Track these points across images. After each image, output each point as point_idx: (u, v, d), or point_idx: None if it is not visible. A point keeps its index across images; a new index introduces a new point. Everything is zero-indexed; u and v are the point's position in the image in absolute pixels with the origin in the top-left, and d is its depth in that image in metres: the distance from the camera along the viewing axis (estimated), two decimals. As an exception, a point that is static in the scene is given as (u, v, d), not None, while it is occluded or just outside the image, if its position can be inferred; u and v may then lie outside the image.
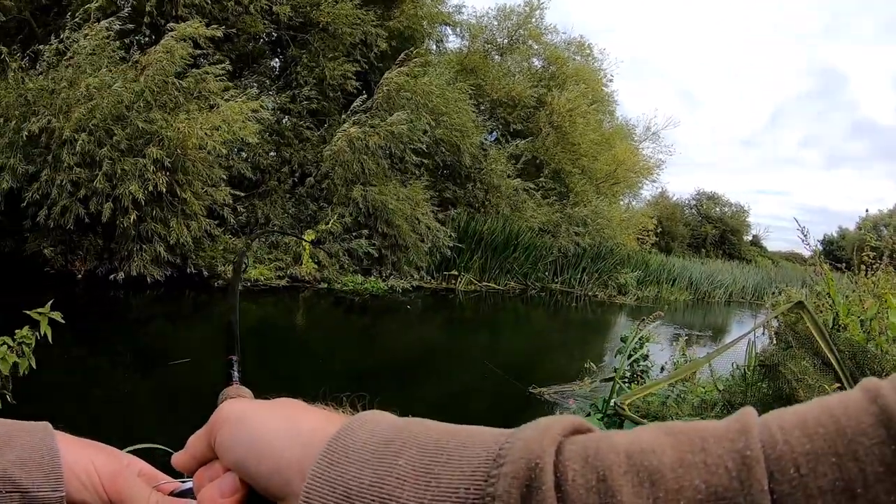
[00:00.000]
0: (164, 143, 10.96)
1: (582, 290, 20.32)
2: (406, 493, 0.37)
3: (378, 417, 0.45)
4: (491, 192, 18.06)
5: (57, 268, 11.18)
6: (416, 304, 14.07)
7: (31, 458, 0.58)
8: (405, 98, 14.90)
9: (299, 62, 15.59)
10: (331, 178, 14.45)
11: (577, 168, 21.77)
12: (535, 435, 0.36)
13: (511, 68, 22.28)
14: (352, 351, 9.50)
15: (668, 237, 36.97)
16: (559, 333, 14.06)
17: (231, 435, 0.51)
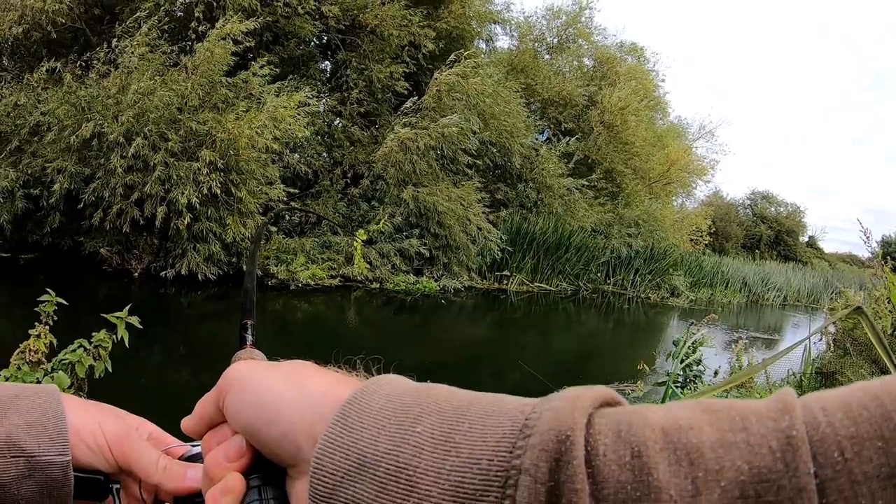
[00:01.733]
0: (216, 145, 11.14)
1: (634, 291, 20.02)
2: (424, 462, 0.36)
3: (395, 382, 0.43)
4: (543, 192, 17.90)
5: (114, 266, 11.47)
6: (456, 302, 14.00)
7: (36, 421, 0.57)
8: (456, 99, 14.85)
9: (349, 65, 15.71)
10: (383, 179, 14.50)
11: (629, 168, 21.47)
12: (564, 406, 0.34)
13: (561, 67, 22.10)
14: (402, 349, 9.47)
15: (722, 238, 36.27)
16: (611, 335, 13.88)
17: (239, 398, 0.50)
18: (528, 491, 0.31)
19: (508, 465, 0.32)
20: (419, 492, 0.35)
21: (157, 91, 10.93)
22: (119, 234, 11.30)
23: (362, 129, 15.67)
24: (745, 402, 0.32)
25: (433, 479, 0.35)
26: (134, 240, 11.56)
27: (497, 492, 0.32)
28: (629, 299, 19.26)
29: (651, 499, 0.29)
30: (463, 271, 15.27)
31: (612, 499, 0.30)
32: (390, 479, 0.36)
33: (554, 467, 0.31)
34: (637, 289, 20.13)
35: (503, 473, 0.32)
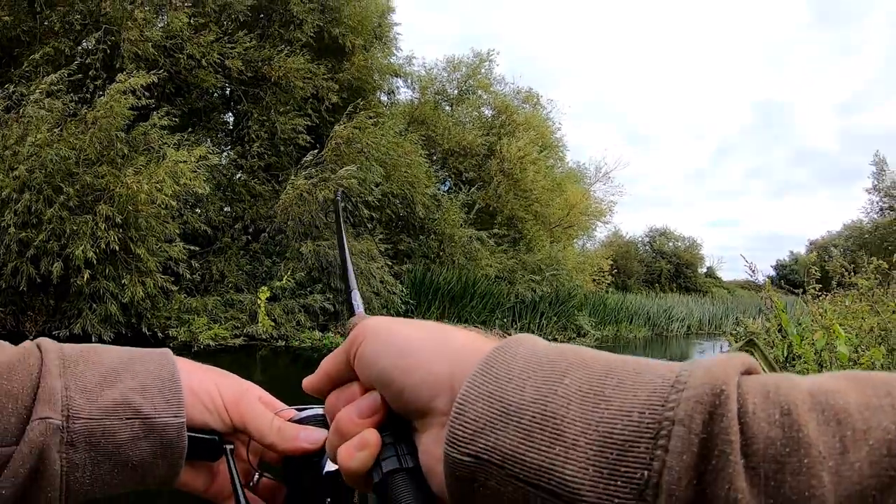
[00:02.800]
0: (113, 200, 10.83)
1: (541, 334, 20.27)
2: (572, 412, 0.36)
3: (536, 339, 0.44)
4: (445, 243, 18.12)
5: (8, 328, 10.86)
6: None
7: (151, 383, 0.58)
8: (356, 151, 14.93)
9: (251, 117, 15.62)
10: (283, 234, 14.36)
11: (530, 214, 22.00)
12: (717, 364, 0.35)
13: (461, 118, 22.66)
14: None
15: (624, 275, 37.48)
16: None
17: (377, 346, 0.50)
18: (681, 441, 0.32)
19: (661, 417, 0.33)
20: (566, 440, 0.36)
21: (55, 144, 10.58)
22: (14, 294, 10.75)
23: (263, 182, 15.54)
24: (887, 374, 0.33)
25: (581, 429, 0.36)
26: (29, 300, 11.00)
27: (648, 442, 0.33)
28: (536, 342, 19.61)
29: (801, 454, 0.30)
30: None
31: (761, 454, 0.31)
32: (536, 427, 0.37)
33: (708, 420, 0.32)
34: (543, 331, 20.45)
35: (655, 425, 0.33)
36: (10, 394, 0.52)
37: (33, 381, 0.53)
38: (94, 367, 0.57)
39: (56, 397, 0.52)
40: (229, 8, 14.77)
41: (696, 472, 0.31)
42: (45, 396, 0.52)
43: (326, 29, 16.47)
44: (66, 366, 0.55)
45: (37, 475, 0.51)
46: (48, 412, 0.52)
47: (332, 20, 16.63)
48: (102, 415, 0.54)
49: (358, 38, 17.16)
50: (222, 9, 14.72)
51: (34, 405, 0.52)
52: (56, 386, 0.53)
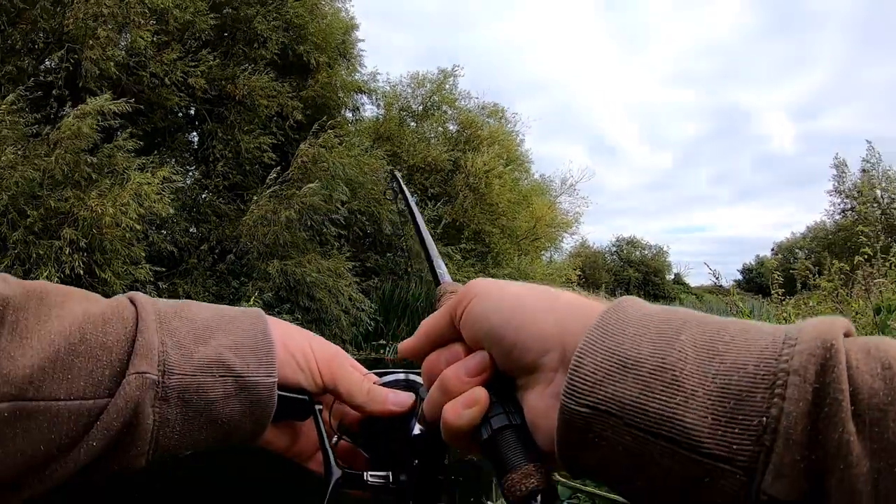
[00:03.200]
0: (78, 223, 10.70)
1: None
2: (689, 365, 0.39)
3: (643, 301, 0.47)
4: (413, 259, 18.10)
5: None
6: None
7: (245, 342, 0.58)
8: (321, 169, 14.92)
9: (215, 136, 15.50)
10: (249, 254, 14.28)
11: (496, 228, 22.07)
12: (824, 322, 0.38)
13: (427, 134, 22.72)
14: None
15: (593, 285, 37.72)
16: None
17: (489, 304, 0.51)
18: (797, 390, 0.35)
19: (776, 369, 0.36)
20: (685, 391, 0.38)
21: (19, 166, 10.43)
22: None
23: (229, 202, 15.42)
24: None
25: (699, 381, 0.38)
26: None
27: (765, 392, 0.36)
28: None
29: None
30: (338, 343, 15.00)
31: (866, 403, 0.34)
32: (655, 379, 0.39)
33: (820, 371, 0.35)
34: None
35: (770, 376, 0.36)
36: (104, 346, 0.52)
37: (128, 335, 0.53)
38: (188, 323, 0.57)
39: (153, 352, 0.53)
40: (192, 26, 14.66)
41: (810, 418, 0.34)
42: (142, 351, 0.52)
43: (290, 46, 16.43)
44: (162, 321, 0.56)
45: (129, 429, 0.51)
46: (145, 366, 0.52)
47: (296, 38, 16.59)
48: (196, 371, 0.55)
49: (322, 55, 17.15)
50: (185, 27, 14.60)
51: (130, 359, 0.52)
52: (153, 341, 0.53)
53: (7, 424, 0.46)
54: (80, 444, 0.49)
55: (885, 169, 29.12)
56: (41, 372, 0.48)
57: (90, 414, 0.49)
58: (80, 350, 0.50)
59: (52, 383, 0.48)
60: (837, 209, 32.33)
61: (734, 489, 0.36)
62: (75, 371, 0.49)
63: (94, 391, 0.50)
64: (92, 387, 0.50)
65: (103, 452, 0.51)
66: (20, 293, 0.51)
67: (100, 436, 0.49)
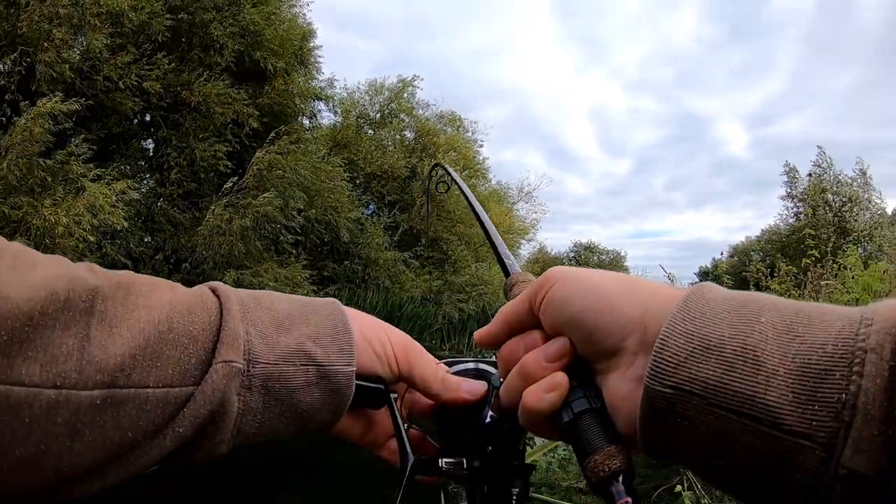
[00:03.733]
0: (31, 232, 10.47)
1: (471, 354, 20.42)
2: (770, 346, 0.40)
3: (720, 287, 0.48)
4: (370, 266, 18.11)
5: None
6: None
7: (324, 331, 0.59)
8: (277, 177, 14.81)
9: (170, 143, 15.23)
10: (205, 264, 14.08)
11: (454, 235, 22.17)
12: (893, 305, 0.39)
13: (384, 141, 22.76)
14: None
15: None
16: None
17: (570, 290, 0.52)
18: (874, 367, 0.36)
19: (854, 347, 0.37)
20: (766, 370, 0.39)
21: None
22: None
23: (184, 211, 15.16)
24: None
25: (780, 360, 0.39)
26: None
27: (844, 370, 0.37)
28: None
29: None
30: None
31: None
32: (737, 359, 0.41)
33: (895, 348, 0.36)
34: (472, 351, 20.62)
35: (849, 355, 0.37)
36: (190, 335, 0.52)
37: (213, 324, 0.54)
38: (269, 313, 0.57)
39: (239, 341, 0.53)
40: (147, 28, 14.36)
41: (888, 394, 0.35)
42: (228, 340, 0.53)
43: (247, 52, 16.21)
44: (245, 310, 0.56)
45: (215, 417, 0.52)
46: (232, 355, 0.52)
47: (252, 44, 16.39)
48: (279, 360, 0.55)
49: (279, 61, 16.95)
50: (140, 29, 14.29)
51: (216, 347, 0.52)
52: (238, 330, 0.54)
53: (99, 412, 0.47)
54: (166, 431, 0.51)
55: (835, 174, 30.13)
56: (132, 360, 0.49)
57: (177, 401, 0.51)
58: (169, 339, 0.51)
59: (141, 371, 0.49)
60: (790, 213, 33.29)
61: (814, 465, 0.37)
62: (164, 359, 0.51)
63: (181, 379, 0.51)
64: (179, 375, 0.51)
65: (189, 440, 0.52)
66: (108, 283, 0.51)
67: (186, 423, 0.51)
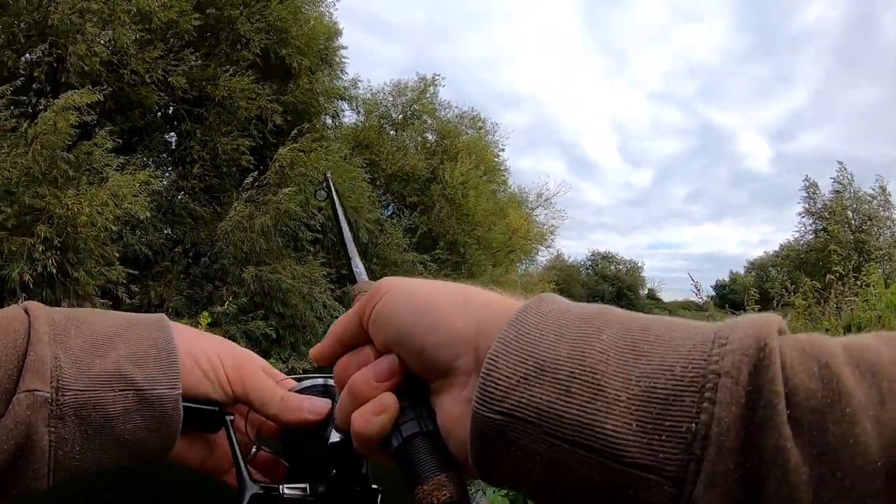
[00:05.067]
0: (53, 221, 10.56)
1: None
2: (612, 367, 0.36)
3: (562, 298, 0.44)
4: (388, 267, 18.06)
5: None
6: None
7: (146, 352, 0.54)
8: (299, 174, 14.87)
9: (194, 137, 15.37)
10: (224, 258, 14.16)
11: (472, 238, 22.15)
12: (757, 319, 0.36)
13: (405, 142, 22.77)
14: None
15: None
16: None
17: (398, 304, 0.48)
18: (729, 393, 0.32)
19: (706, 371, 0.33)
20: (607, 396, 0.35)
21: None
22: None
23: (205, 204, 15.28)
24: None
25: (622, 384, 0.35)
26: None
27: (694, 396, 0.33)
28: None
29: (842, 404, 0.31)
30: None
31: (803, 405, 0.32)
32: (574, 383, 0.36)
33: (753, 372, 0.33)
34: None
35: (700, 379, 0.33)
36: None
37: (19, 349, 0.50)
38: (85, 334, 0.53)
39: (45, 367, 0.49)
40: (176, 26, 14.52)
41: (744, 423, 0.32)
42: (33, 366, 0.49)
43: (273, 49, 16.32)
44: (57, 332, 0.52)
45: (23, 451, 0.48)
46: (36, 384, 0.48)
47: (278, 41, 16.50)
48: (94, 386, 0.51)
49: (304, 59, 17.08)
50: (168, 26, 14.45)
51: (21, 375, 0.48)
52: (45, 354, 0.49)
53: None
54: None
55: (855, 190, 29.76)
56: None
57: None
58: None
59: None
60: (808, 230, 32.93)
61: (662, 500, 0.33)
62: None
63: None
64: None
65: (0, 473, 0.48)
66: None
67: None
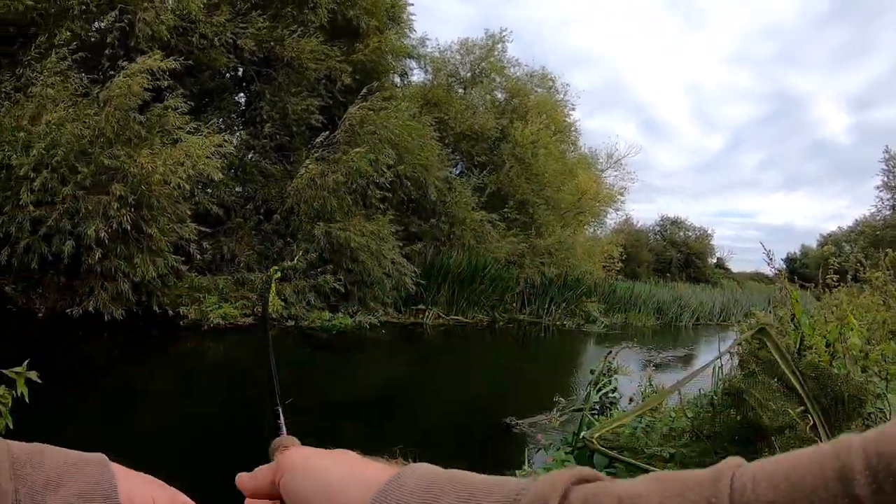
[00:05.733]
0: (127, 180, 10.89)
1: (550, 320, 20.27)
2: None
3: (425, 467, 0.50)
4: (456, 226, 18.09)
5: (19, 305, 10.98)
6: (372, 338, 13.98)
7: (92, 491, 0.55)
8: (368, 132, 14.93)
9: (263, 97, 15.58)
10: (295, 215, 14.42)
11: (541, 199, 21.88)
12: (546, 480, 0.41)
13: (474, 101, 22.54)
14: (321, 387, 9.36)
15: (634, 263, 37.34)
16: (528, 364, 13.94)
17: (301, 478, 0.57)
18: None
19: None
20: None
21: (69, 123, 10.63)
22: (26, 272, 10.85)
23: (275, 163, 15.53)
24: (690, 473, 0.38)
25: None
26: (40, 277, 11.10)
27: None
28: (544, 327, 19.47)
29: None
30: (378, 306, 15.25)
31: None
32: None
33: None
34: (552, 316, 20.44)
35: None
36: None
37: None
38: (39, 470, 0.54)
39: (7, 501, 0.50)
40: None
41: None
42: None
43: (340, 10, 16.35)
44: (16, 467, 0.53)
45: None
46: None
47: (346, 2, 16.52)
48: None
49: (372, 19, 17.05)
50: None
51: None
52: (8, 489, 0.51)
53: None
54: None
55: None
56: None
57: None
58: None
59: None
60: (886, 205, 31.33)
61: None
62: None
63: None
64: None
65: None
66: None
67: None
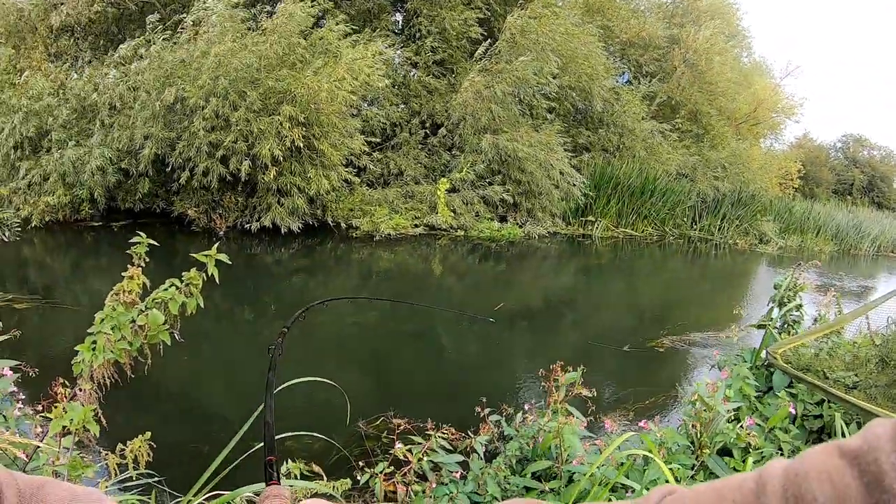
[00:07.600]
0: (295, 100, 11.28)
1: (722, 237, 19.16)
2: None
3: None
4: (625, 136, 17.43)
5: (201, 226, 11.82)
6: (541, 248, 13.81)
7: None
8: (530, 41, 14.53)
9: (420, 14, 15.56)
10: (461, 127, 14.38)
11: (714, 108, 20.60)
12: None
13: (639, 5, 21.31)
14: (487, 296, 9.40)
15: (812, 182, 34.60)
16: (697, 282, 13.35)
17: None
18: None
19: None
20: None
21: (238, 53, 11.13)
22: (206, 194, 11.67)
23: (438, 77, 15.55)
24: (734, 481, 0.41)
25: None
26: (219, 198, 11.89)
27: None
28: (716, 245, 18.48)
29: None
30: (547, 217, 15.09)
31: None
32: None
33: None
34: (724, 234, 19.32)
35: None
36: None
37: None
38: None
39: None
40: None
41: None
42: None
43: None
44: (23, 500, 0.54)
45: None
46: None
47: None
48: None
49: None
50: None
51: None
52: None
53: None
54: None
55: None
56: None
57: None
58: None
59: None
60: None
61: None
62: None
63: None
64: None
65: None
66: None
67: None
